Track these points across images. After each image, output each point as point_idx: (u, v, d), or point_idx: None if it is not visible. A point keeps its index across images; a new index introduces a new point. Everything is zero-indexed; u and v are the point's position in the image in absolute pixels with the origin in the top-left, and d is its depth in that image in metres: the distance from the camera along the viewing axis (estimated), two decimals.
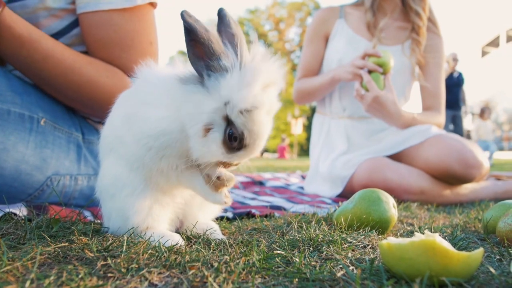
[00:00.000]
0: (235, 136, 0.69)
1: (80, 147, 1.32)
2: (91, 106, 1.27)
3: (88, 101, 1.24)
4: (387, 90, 1.88)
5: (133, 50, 1.26)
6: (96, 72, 1.22)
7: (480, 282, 0.59)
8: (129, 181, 0.80)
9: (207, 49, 0.68)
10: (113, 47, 1.24)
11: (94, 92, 1.22)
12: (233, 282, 0.56)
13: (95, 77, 1.21)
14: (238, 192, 2.10)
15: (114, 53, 1.25)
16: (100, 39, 1.24)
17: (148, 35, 1.29)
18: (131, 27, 1.24)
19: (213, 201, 0.80)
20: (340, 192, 1.94)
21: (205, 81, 0.70)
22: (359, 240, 0.85)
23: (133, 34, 1.25)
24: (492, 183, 2.00)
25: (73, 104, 1.30)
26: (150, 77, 0.82)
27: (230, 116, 0.68)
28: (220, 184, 0.77)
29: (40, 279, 0.54)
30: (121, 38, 1.24)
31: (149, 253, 0.68)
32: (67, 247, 0.71)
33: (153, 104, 0.78)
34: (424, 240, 0.58)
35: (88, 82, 1.20)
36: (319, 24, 2.25)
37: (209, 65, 0.69)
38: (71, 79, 1.18)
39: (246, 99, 0.67)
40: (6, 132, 1.10)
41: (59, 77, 1.17)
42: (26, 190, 1.18)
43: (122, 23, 1.23)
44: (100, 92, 1.22)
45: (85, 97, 1.23)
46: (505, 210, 0.99)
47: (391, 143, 1.95)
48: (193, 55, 0.70)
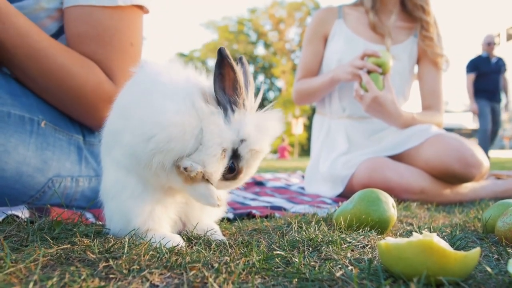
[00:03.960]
0: (233, 169, 0.78)
1: (81, 149, 1.33)
2: (61, 98, 1.22)
3: (58, 90, 1.19)
4: (386, 90, 1.88)
5: (111, 47, 1.22)
6: (69, 61, 1.17)
7: (477, 281, 0.60)
8: (128, 183, 0.81)
9: (235, 86, 0.75)
10: (90, 42, 1.21)
11: (65, 81, 1.16)
12: (233, 282, 0.57)
13: (68, 65, 1.16)
14: (239, 192, 2.11)
15: (90, 47, 1.21)
16: (78, 33, 1.21)
17: (129, 36, 1.26)
18: (111, 24, 1.21)
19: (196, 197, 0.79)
20: (341, 192, 1.94)
21: (228, 112, 0.76)
22: (358, 240, 0.85)
23: (113, 31, 1.22)
24: (492, 182, 2.00)
25: (44, 94, 1.23)
26: (161, 69, 0.80)
27: (240, 152, 0.77)
28: (187, 176, 0.76)
29: (43, 281, 0.55)
30: (99, 34, 1.20)
31: (150, 254, 0.69)
32: (69, 249, 0.72)
33: (168, 95, 0.75)
34: (421, 240, 0.59)
35: (60, 69, 1.15)
36: (318, 25, 2.26)
37: (233, 101, 0.76)
38: (43, 62, 1.13)
39: (259, 142, 0.77)
40: (7, 134, 1.11)
41: (31, 58, 1.12)
42: (28, 192, 1.19)
43: (102, 19, 1.20)
44: (71, 82, 1.17)
45: (54, 85, 1.17)
46: (504, 209, 1.00)
47: (392, 144, 1.95)
48: (219, 88, 0.76)
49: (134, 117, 0.76)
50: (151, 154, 0.74)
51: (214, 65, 0.75)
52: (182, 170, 0.75)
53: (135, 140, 0.75)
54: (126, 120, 0.77)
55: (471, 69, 6.61)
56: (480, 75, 6.53)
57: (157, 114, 0.73)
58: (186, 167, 0.75)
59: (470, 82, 6.55)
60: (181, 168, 0.75)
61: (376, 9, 2.17)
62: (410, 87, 2.23)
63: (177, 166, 0.76)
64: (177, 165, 0.76)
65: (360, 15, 2.21)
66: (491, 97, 6.44)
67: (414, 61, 2.21)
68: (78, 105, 0.80)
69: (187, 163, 0.75)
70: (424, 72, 2.20)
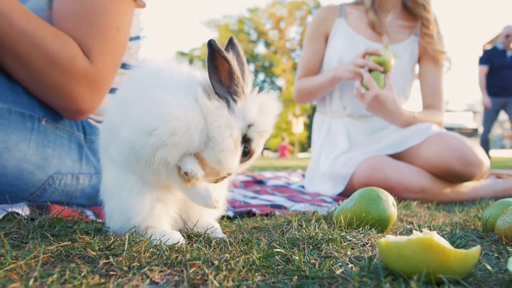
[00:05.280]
0: (247, 152, 0.82)
1: (82, 146, 1.33)
2: (30, 69, 1.14)
3: (28, 59, 1.11)
4: (387, 89, 1.88)
5: (96, 27, 1.18)
6: (44, 30, 1.11)
7: (477, 279, 0.60)
8: (127, 181, 0.80)
9: (232, 76, 0.75)
10: (74, 18, 1.16)
11: (36, 48, 1.10)
12: (233, 279, 0.57)
13: (40, 37, 1.10)
14: (239, 191, 2.11)
15: (73, 24, 1.16)
16: (65, 8, 1.17)
17: (117, 21, 1.22)
18: (100, 4, 1.17)
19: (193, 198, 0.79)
20: (341, 191, 1.94)
21: (231, 104, 0.77)
22: (359, 238, 0.85)
23: (101, 12, 1.18)
24: (492, 181, 2.00)
25: (14, 64, 1.14)
26: (162, 65, 0.80)
27: (249, 136, 0.79)
28: (187, 179, 0.76)
29: (43, 277, 0.55)
30: (85, 11, 1.16)
31: (150, 251, 0.69)
32: (69, 246, 0.72)
33: (170, 89, 0.75)
34: (421, 238, 0.59)
35: (32, 35, 1.09)
36: (319, 23, 2.26)
37: (233, 91, 0.77)
38: (15, 28, 1.06)
39: (265, 123, 0.80)
40: (8, 131, 1.11)
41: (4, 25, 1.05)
42: (28, 189, 1.19)
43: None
44: (43, 51, 1.11)
45: (25, 53, 1.11)
46: (504, 208, 1.00)
47: (392, 142, 1.95)
48: (216, 80, 0.76)
49: (134, 111, 0.74)
50: (153, 149, 0.72)
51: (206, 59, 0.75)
52: (182, 174, 0.76)
53: (135, 134, 0.73)
54: (125, 114, 0.76)
55: (484, 61, 6.04)
56: (492, 69, 5.96)
57: (159, 107, 0.72)
58: (187, 172, 0.75)
59: (482, 74, 6.00)
60: (182, 172, 0.76)
61: (376, 8, 2.16)
62: (411, 86, 2.23)
63: (178, 167, 0.76)
64: (179, 166, 0.76)
65: (361, 14, 2.21)
66: (503, 93, 5.88)
67: (415, 60, 2.21)
68: (49, 79, 0.74)
69: (187, 168, 0.75)
70: (425, 71, 2.20)
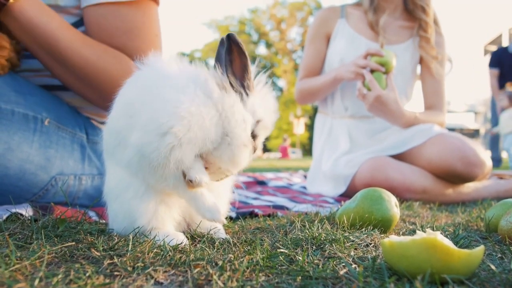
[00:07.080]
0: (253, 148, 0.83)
1: (84, 147, 1.34)
2: (98, 91, 1.25)
3: (96, 85, 1.23)
4: (389, 89, 1.88)
5: (140, 40, 1.27)
6: (104, 57, 1.21)
7: (481, 279, 0.60)
8: (131, 183, 0.80)
9: (246, 70, 0.77)
10: (120, 36, 1.25)
11: (100, 74, 1.21)
12: (237, 280, 0.57)
13: (104, 62, 1.21)
14: (241, 192, 2.11)
15: (120, 41, 1.25)
16: (106, 28, 1.24)
17: (154, 28, 1.31)
18: (138, 18, 1.26)
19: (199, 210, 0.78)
20: (343, 192, 1.94)
21: (244, 97, 0.78)
22: (362, 238, 0.85)
23: (140, 25, 1.27)
24: (494, 182, 2.00)
25: (77, 86, 1.27)
26: (167, 64, 0.78)
27: (256, 132, 0.80)
28: (191, 186, 0.76)
29: (48, 278, 0.55)
30: (128, 28, 1.25)
31: (154, 252, 0.69)
32: (73, 247, 0.72)
33: (179, 87, 0.73)
34: (425, 238, 0.59)
35: (94, 64, 1.19)
36: (320, 24, 2.26)
37: (246, 84, 0.78)
38: (79, 60, 1.18)
39: (270, 120, 0.82)
40: (10, 132, 1.11)
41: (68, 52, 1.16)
42: (31, 189, 1.19)
43: (129, 14, 1.25)
44: (105, 76, 1.21)
45: (91, 80, 1.22)
46: (507, 209, 1.00)
47: (394, 143, 1.95)
48: (231, 73, 0.77)
49: (143, 113, 0.73)
50: (167, 149, 0.70)
51: (223, 51, 0.76)
52: (187, 180, 0.75)
53: (146, 137, 0.71)
54: (131, 117, 0.75)
55: (494, 64, 5.78)
56: (503, 71, 5.69)
57: (171, 106, 0.71)
58: (191, 179, 0.74)
59: (494, 78, 5.75)
60: (186, 179, 0.75)
61: (375, 9, 2.17)
62: (412, 86, 2.23)
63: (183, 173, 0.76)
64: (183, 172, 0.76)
65: (362, 14, 2.21)
66: None
67: (416, 60, 2.21)
68: (114, 93, 0.82)
69: (192, 176, 0.74)
70: (426, 72, 2.20)
